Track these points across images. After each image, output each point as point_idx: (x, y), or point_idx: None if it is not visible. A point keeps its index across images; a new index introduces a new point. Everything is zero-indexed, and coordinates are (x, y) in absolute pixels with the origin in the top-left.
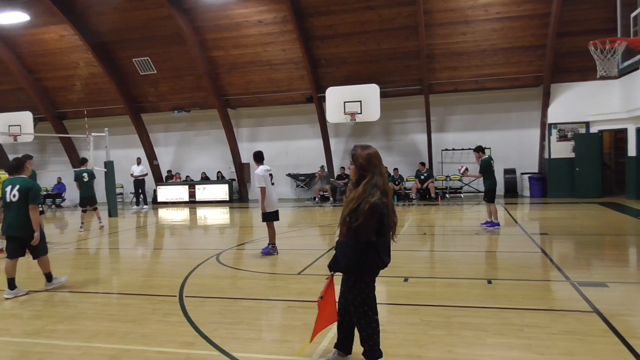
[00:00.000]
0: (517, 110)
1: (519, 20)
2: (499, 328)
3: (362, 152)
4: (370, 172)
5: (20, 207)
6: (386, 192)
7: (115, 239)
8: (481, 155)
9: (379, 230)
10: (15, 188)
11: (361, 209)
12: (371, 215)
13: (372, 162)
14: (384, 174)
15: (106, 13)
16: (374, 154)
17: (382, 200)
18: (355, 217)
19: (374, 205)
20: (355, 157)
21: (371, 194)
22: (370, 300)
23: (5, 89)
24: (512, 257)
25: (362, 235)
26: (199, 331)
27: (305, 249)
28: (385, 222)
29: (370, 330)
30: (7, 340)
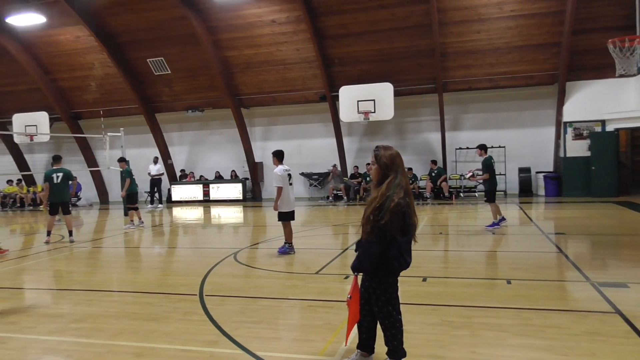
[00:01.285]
0: (531, 108)
1: (534, 18)
2: (521, 329)
3: (385, 152)
4: (394, 172)
5: None
6: (409, 193)
7: (131, 238)
8: (482, 153)
9: (403, 229)
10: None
11: (386, 207)
12: (397, 214)
13: (396, 162)
14: (406, 175)
15: (121, 14)
16: (397, 154)
17: (406, 199)
18: (381, 216)
19: (399, 204)
20: (378, 157)
21: (396, 193)
22: (394, 300)
23: (21, 90)
24: (530, 257)
25: (387, 234)
26: (221, 330)
27: (321, 248)
28: (409, 222)
29: (394, 330)
30: (34, 338)
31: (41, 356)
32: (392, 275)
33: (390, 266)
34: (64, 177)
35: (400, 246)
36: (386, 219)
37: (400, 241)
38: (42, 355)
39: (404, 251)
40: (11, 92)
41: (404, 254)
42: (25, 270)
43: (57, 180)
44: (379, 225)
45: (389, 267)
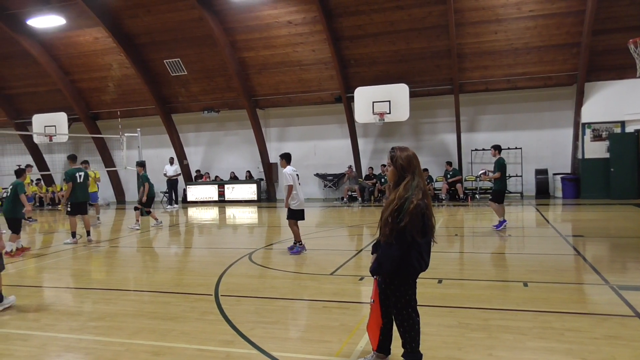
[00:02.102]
0: (549, 109)
1: (553, 18)
2: (540, 332)
3: (401, 153)
4: (411, 173)
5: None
6: (426, 194)
7: (148, 238)
8: (496, 154)
9: (423, 231)
10: None
11: (405, 208)
12: (416, 215)
13: (412, 164)
14: (423, 176)
15: (139, 16)
16: (413, 156)
17: (424, 201)
18: (400, 218)
19: (418, 206)
20: (394, 159)
21: (414, 194)
22: (413, 302)
23: (42, 91)
24: (547, 259)
25: (407, 236)
26: (237, 330)
27: (336, 249)
28: (428, 223)
29: (413, 333)
30: (54, 336)
31: (61, 354)
32: (412, 277)
33: (411, 268)
34: (86, 176)
35: (420, 247)
36: (406, 220)
37: (420, 242)
38: (62, 353)
39: (423, 252)
40: (32, 93)
41: (423, 255)
42: (45, 269)
43: (80, 179)
44: (398, 227)
45: (409, 268)
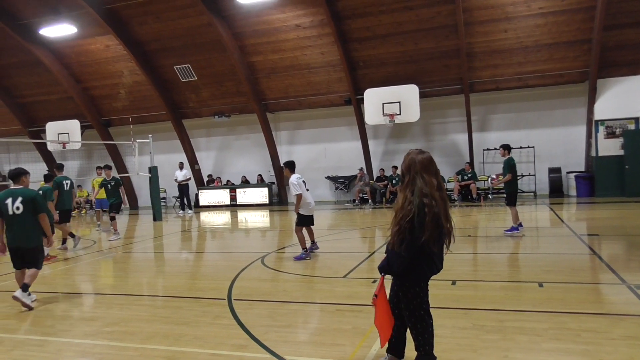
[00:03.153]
0: (561, 107)
1: (563, 15)
2: (555, 333)
3: (407, 156)
4: (410, 177)
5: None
6: (436, 198)
7: (160, 243)
8: (505, 153)
9: (438, 240)
10: (18, 200)
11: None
12: (434, 227)
13: (414, 168)
14: (427, 180)
15: (149, 23)
16: (419, 160)
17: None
18: (418, 231)
19: (434, 217)
20: (403, 161)
21: (425, 203)
22: (426, 304)
23: (54, 99)
24: (562, 259)
25: (425, 248)
26: (250, 334)
27: (348, 252)
28: (442, 231)
29: (427, 335)
30: (69, 341)
31: (76, 359)
32: (423, 279)
33: (421, 272)
34: (72, 185)
35: (432, 254)
36: (426, 236)
37: (432, 247)
38: (77, 358)
39: (435, 258)
40: (45, 102)
41: (435, 260)
42: (58, 275)
43: (67, 187)
44: (414, 240)
45: (419, 271)
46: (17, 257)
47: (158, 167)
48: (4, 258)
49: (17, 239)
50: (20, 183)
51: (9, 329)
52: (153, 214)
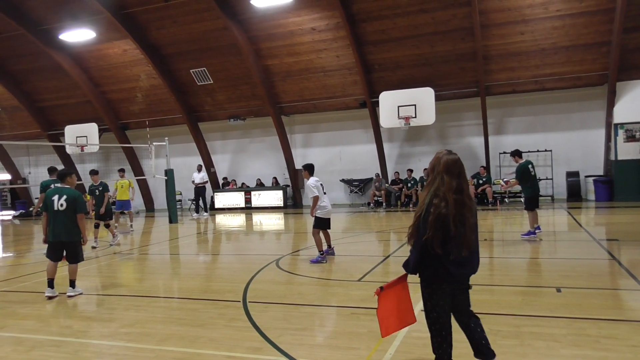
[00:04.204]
0: (580, 110)
1: (582, 17)
2: (574, 339)
3: (435, 156)
4: (432, 177)
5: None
6: (450, 201)
7: (176, 245)
8: (517, 159)
9: (443, 242)
10: (63, 198)
11: (427, 218)
12: (436, 227)
13: (436, 169)
14: (447, 181)
15: (165, 27)
16: (444, 161)
17: (448, 210)
18: (423, 228)
19: (438, 217)
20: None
21: (433, 204)
22: (440, 307)
23: (73, 102)
24: (580, 264)
25: (428, 247)
26: (265, 337)
27: (363, 255)
28: (450, 234)
29: (440, 339)
30: (86, 342)
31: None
32: (433, 282)
33: (428, 272)
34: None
35: (442, 258)
36: (428, 234)
37: (440, 254)
38: (94, 359)
39: (447, 262)
40: (64, 105)
41: (447, 264)
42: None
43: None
44: (419, 238)
45: (428, 273)
46: (55, 251)
47: (174, 170)
48: (24, 259)
49: (60, 234)
50: (66, 183)
51: (28, 329)
52: (169, 216)
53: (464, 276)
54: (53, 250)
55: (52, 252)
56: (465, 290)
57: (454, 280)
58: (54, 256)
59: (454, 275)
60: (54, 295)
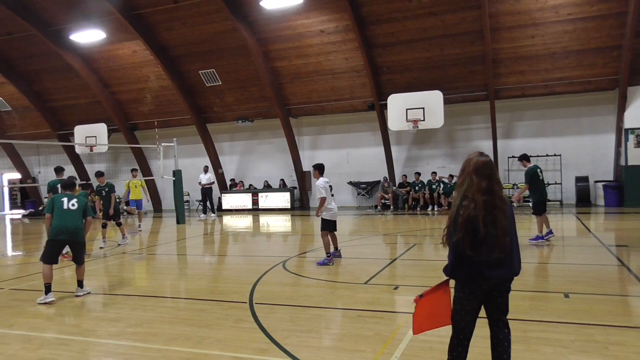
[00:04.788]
0: (590, 115)
1: (593, 21)
2: (582, 345)
3: (466, 158)
4: (462, 178)
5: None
6: (480, 203)
7: (183, 245)
8: (525, 164)
9: (474, 244)
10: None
11: (457, 221)
12: (466, 230)
13: (467, 170)
14: (476, 182)
15: (175, 28)
16: (474, 162)
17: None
18: (453, 230)
19: (467, 219)
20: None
21: (462, 205)
22: (465, 312)
23: (83, 103)
24: (589, 270)
25: (459, 248)
26: (271, 338)
27: (370, 258)
28: (480, 236)
29: (457, 341)
30: (94, 341)
31: (100, 359)
32: (466, 285)
33: (463, 275)
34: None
35: (474, 260)
36: (458, 236)
37: (472, 255)
38: (102, 358)
39: (479, 264)
40: (74, 106)
41: (480, 267)
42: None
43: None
44: (451, 239)
45: (462, 275)
46: (55, 251)
47: (182, 171)
48: (34, 258)
49: (69, 232)
50: (74, 191)
51: (36, 327)
52: (176, 217)
53: (499, 278)
54: (53, 250)
55: (51, 253)
56: (504, 294)
57: (488, 282)
58: (52, 258)
59: (487, 278)
60: (52, 300)
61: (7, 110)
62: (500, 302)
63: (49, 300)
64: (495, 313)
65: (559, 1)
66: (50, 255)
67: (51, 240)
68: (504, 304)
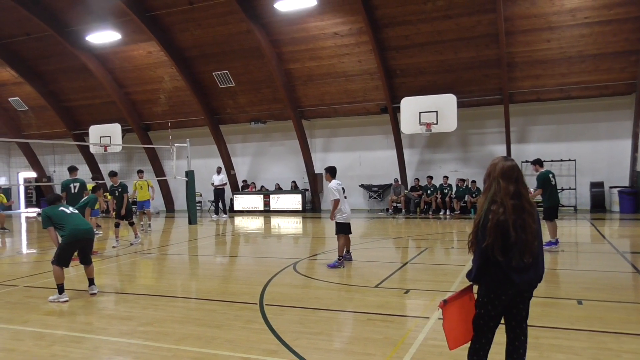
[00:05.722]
0: (606, 120)
1: (610, 25)
2: (595, 353)
3: (491, 163)
4: (489, 183)
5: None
6: (509, 207)
7: (195, 246)
8: (538, 168)
9: (504, 249)
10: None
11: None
12: (496, 234)
13: (493, 174)
14: (503, 186)
15: (189, 29)
16: (500, 167)
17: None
18: (481, 235)
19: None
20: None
21: (492, 209)
22: (489, 317)
23: (98, 103)
24: (603, 277)
25: (489, 254)
26: (281, 340)
27: (380, 261)
28: (510, 241)
29: (478, 345)
30: (105, 339)
31: (112, 357)
32: (492, 291)
33: (490, 280)
34: (81, 187)
35: (502, 265)
36: (488, 241)
37: (501, 261)
38: (113, 356)
39: (509, 269)
40: (89, 106)
41: (509, 272)
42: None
43: (75, 190)
44: (479, 244)
45: (489, 281)
46: (71, 254)
47: (195, 172)
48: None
49: (86, 231)
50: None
51: (49, 324)
52: (189, 217)
53: (526, 284)
54: (68, 253)
55: (66, 256)
56: (527, 300)
57: (516, 288)
58: (67, 261)
59: (516, 284)
60: (66, 300)
61: (24, 110)
62: (521, 308)
63: (63, 300)
64: (516, 319)
65: (576, 4)
66: (65, 258)
67: (68, 244)
68: (525, 310)
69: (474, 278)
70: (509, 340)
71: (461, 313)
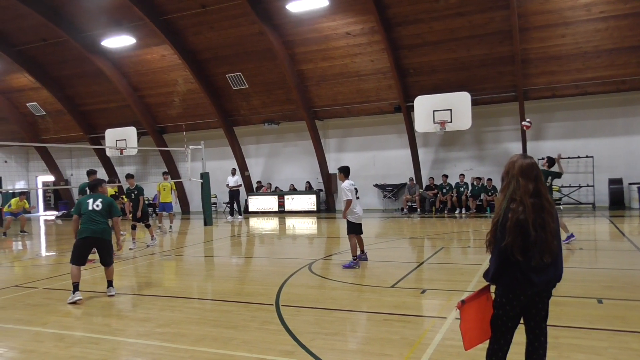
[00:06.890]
0: (623, 115)
1: (627, 19)
2: (616, 353)
3: (509, 160)
4: (507, 181)
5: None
6: (528, 205)
7: (211, 247)
8: (545, 164)
9: (524, 249)
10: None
11: (505, 224)
12: (515, 233)
13: (511, 172)
14: (522, 184)
15: (202, 32)
16: (518, 165)
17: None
18: (500, 234)
19: (517, 222)
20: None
21: (510, 208)
22: (507, 318)
23: (113, 107)
24: (623, 275)
25: (508, 253)
26: (298, 340)
27: (396, 261)
28: (530, 240)
29: (497, 346)
30: (123, 340)
31: (130, 358)
32: (511, 292)
33: (508, 281)
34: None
35: (522, 265)
36: (507, 241)
37: (521, 261)
38: (131, 357)
39: (528, 269)
40: (104, 109)
41: (528, 272)
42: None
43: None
44: (498, 244)
45: (507, 281)
46: (83, 250)
47: (209, 173)
48: (66, 258)
49: (96, 232)
50: (97, 192)
51: (68, 326)
52: (204, 218)
53: (545, 284)
54: (80, 251)
55: (79, 253)
56: (546, 300)
57: (535, 287)
58: (80, 259)
59: (534, 284)
60: (79, 299)
61: (42, 115)
62: (540, 308)
63: (77, 298)
64: (535, 320)
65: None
66: (77, 256)
67: (78, 241)
68: (544, 309)
69: (491, 278)
70: (528, 341)
71: (478, 313)
